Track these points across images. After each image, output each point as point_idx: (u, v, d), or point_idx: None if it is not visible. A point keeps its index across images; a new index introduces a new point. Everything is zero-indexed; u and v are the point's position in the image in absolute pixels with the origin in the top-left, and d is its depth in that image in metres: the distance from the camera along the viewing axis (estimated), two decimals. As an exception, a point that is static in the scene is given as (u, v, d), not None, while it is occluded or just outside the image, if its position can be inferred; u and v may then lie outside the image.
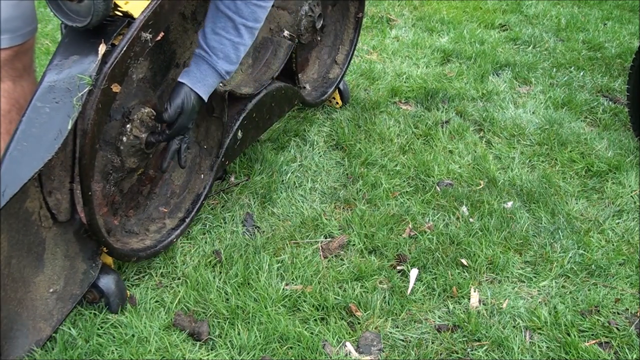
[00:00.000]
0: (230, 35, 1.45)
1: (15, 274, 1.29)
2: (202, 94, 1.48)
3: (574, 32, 3.58)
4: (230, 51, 1.47)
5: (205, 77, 1.47)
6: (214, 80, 1.49)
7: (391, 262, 1.78)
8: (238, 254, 1.75)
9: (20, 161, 1.22)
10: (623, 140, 2.45)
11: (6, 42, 1.47)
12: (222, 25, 1.45)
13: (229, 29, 1.45)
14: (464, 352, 1.51)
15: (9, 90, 1.53)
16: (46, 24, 3.38)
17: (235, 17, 1.44)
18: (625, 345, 1.55)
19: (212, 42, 1.46)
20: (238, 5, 1.43)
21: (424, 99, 2.71)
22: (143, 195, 1.70)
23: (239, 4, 1.43)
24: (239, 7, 1.43)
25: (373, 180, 2.12)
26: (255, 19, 1.46)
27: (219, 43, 1.45)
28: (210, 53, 1.46)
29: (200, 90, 1.48)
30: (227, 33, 1.45)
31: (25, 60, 1.56)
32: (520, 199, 2.09)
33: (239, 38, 1.46)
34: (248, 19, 1.45)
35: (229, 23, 1.44)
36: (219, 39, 1.45)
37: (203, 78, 1.47)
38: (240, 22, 1.44)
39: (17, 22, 1.47)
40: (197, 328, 1.51)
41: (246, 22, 1.45)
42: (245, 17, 1.44)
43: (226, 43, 1.45)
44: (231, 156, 1.88)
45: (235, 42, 1.46)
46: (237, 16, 1.44)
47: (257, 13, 1.46)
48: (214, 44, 1.46)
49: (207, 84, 1.48)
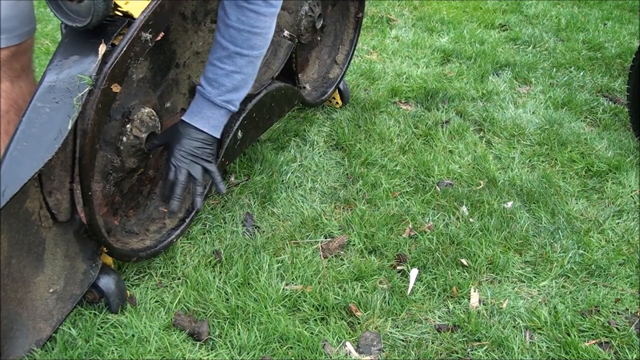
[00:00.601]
0: (224, 65, 1.43)
1: (15, 274, 1.29)
2: (200, 127, 1.46)
3: (574, 32, 3.58)
4: (224, 80, 1.44)
5: (201, 110, 1.46)
6: (212, 111, 1.47)
7: (391, 262, 1.78)
8: (238, 254, 1.75)
9: (20, 161, 1.22)
10: (623, 140, 2.45)
11: (3, 42, 1.47)
12: (217, 55, 1.43)
13: (223, 59, 1.43)
14: (464, 352, 1.51)
15: (7, 90, 1.53)
16: (46, 24, 3.38)
17: (229, 46, 1.41)
18: (625, 345, 1.55)
19: (207, 73, 1.45)
20: (232, 34, 1.40)
21: (424, 99, 2.71)
22: (143, 195, 1.70)
23: (232, 32, 1.40)
24: (233, 35, 1.40)
25: (373, 180, 2.12)
26: (250, 47, 1.42)
27: (213, 73, 1.44)
28: (205, 85, 1.46)
29: (199, 124, 1.46)
30: (221, 63, 1.43)
31: (23, 61, 1.56)
32: (520, 199, 2.09)
33: (232, 66, 1.43)
34: (243, 47, 1.41)
35: (222, 52, 1.42)
36: (214, 69, 1.44)
37: (199, 111, 1.47)
38: (233, 51, 1.42)
39: (14, 22, 1.47)
40: (197, 328, 1.51)
41: (241, 50, 1.42)
42: (239, 45, 1.41)
43: (219, 73, 1.44)
44: (231, 156, 1.88)
45: (229, 71, 1.43)
46: (231, 45, 1.41)
47: (252, 40, 1.42)
48: (209, 74, 1.45)
49: (204, 116, 1.46)
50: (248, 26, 1.40)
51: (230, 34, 1.41)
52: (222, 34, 1.42)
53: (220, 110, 1.48)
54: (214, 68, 1.44)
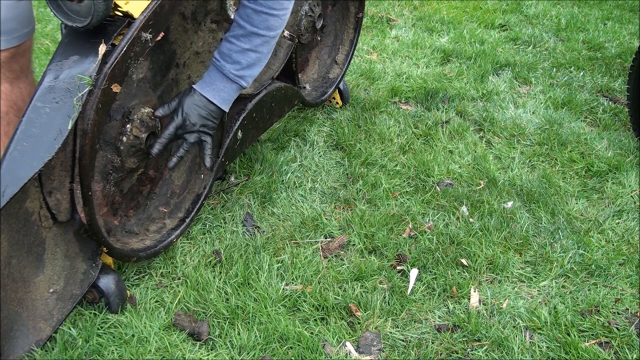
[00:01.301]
0: (240, 42, 1.46)
1: (16, 274, 1.29)
2: (210, 97, 1.49)
3: (574, 32, 3.58)
4: (239, 57, 1.47)
5: (213, 81, 1.49)
6: (224, 84, 1.49)
7: (391, 262, 1.78)
8: (238, 254, 1.75)
9: (20, 161, 1.22)
10: (623, 140, 2.45)
11: (3, 44, 1.47)
12: (234, 33, 1.47)
13: (240, 37, 1.46)
14: (464, 352, 1.51)
15: (6, 92, 1.53)
16: (46, 24, 3.39)
17: (246, 25, 1.45)
18: (625, 345, 1.55)
19: (222, 48, 1.48)
20: (249, 14, 1.44)
21: (424, 99, 2.71)
22: (143, 195, 1.70)
23: (249, 12, 1.44)
24: (250, 15, 1.44)
25: (373, 180, 2.12)
26: (267, 27, 1.46)
27: (228, 49, 1.47)
28: (219, 58, 1.48)
29: (209, 94, 1.48)
30: (237, 40, 1.46)
31: (22, 62, 1.56)
32: (520, 199, 2.09)
33: (248, 45, 1.47)
34: (259, 27, 1.45)
35: (240, 31, 1.46)
36: (230, 46, 1.47)
37: (212, 82, 1.49)
38: (251, 30, 1.45)
39: (13, 23, 1.47)
40: (197, 328, 1.51)
41: (258, 30, 1.45)
42: (256, 25, 1.45)
43: (234, 49, 1.47)
44: (231, 156, 1.88)
45: (245, 49, 1.47)
46: (248, 24, 1.45)
47: (269, 21, 1.46)
48: (224, 49, 1.48)
49: (216, 88, 1.49)
50: (266, 8, 1.44)
51: (247, 14, 1.44)
52: (240, 14, 1.45)
53: (232, 84, 1.50)
54: (230, 44, 1.47)
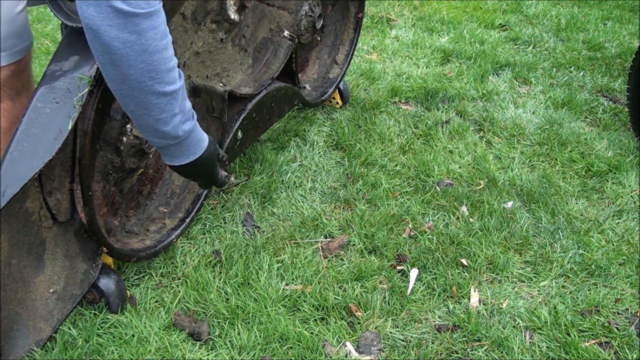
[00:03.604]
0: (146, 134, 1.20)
1: (16, 274, 1.29)
2: (186, 161, 1.28)
3: (574, 32, 3.58)
4: (156, 139, 1.21)
5: (178, 154, 1.26)
6: (180, 149, 1.26)
7: (391, 262, 1.78)
8: (238, 254, 1.75)
9: (20, 161, 1.22)
10: (623, 140, 2.45)
11: (4, 60, 1.46)
12: None
13: None
14: (464, 352, 1.51)
15: (8, 109, 1.52)
16: (46, 24, 3.39)
17: None
18: (625, 345, 1.55)
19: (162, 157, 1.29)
20: None
21: (424, 99, 2.71)
22: (143, 195, 1.70)
23: None
24: None
25: (373, 180, 2.12)
26: None
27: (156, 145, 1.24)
28: (164, 157, 1.28)
29: (182, 160, 1.28)
30: None
31: (23, 78, 1.55)
32: (520, 199, 2.09)
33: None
34: None
35: None
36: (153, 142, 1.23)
37: (175, 156, 1.27)
38: None
39: (13, 39, 1.46)
40: (197, 328, 1.51)
41: None
42: None
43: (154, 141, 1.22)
44: (231, 156, 1.88)
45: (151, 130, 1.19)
46: None
47: None
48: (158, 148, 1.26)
49: (182, 154, 1.27)
50: None
51: None
52: None
53: (186, 140, 1.25)
54: None
